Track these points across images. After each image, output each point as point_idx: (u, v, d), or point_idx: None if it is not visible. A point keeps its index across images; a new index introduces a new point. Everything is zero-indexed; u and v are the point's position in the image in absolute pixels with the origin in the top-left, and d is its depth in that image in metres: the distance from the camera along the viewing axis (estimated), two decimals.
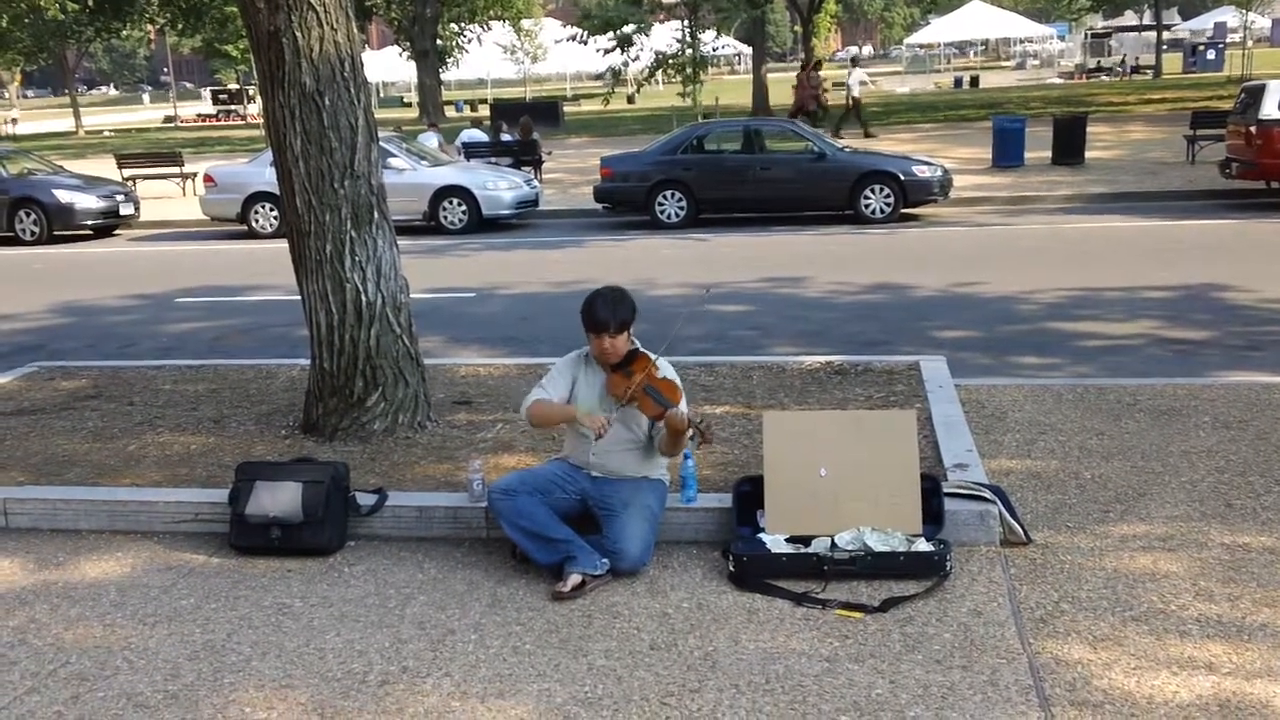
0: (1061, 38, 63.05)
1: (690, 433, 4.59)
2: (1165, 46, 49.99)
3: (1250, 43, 45.77)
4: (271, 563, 4.87)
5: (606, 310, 4.67)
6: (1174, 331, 8.72)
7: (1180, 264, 11.47)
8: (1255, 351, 8.02)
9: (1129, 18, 64.29)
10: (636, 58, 31.88)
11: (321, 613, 4.39)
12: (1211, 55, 47.15)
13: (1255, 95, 15.38)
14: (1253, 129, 15.07)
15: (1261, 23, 63.31)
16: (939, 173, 16.01)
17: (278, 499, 4.88)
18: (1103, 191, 17.25)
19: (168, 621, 4.36)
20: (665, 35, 32.85)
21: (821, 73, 29.20)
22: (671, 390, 4.68)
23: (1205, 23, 62.71)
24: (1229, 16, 57.77)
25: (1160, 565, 4.44)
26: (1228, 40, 51.89)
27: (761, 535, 4.64)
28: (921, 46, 67.03)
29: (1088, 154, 20.79)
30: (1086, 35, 58.49)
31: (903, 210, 15.88)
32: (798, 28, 59.79)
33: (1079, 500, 5.12)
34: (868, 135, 26.71)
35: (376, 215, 6.09)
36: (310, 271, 6.09)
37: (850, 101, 28.04)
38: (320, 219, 5.97)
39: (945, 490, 4.77)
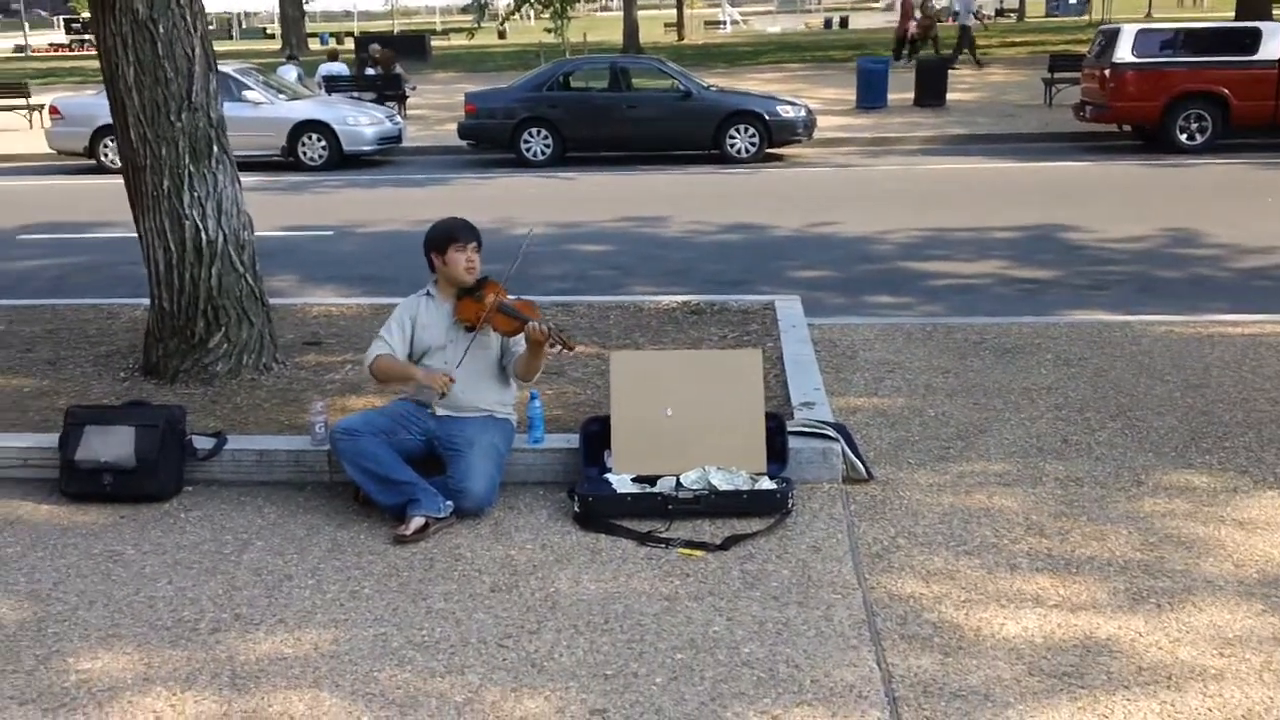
0: None
1: (551, 342, 4.54)
2: None
3: None
4: (103, 510, 4.70)
5: (465, 224, 4.72)
6: (1021, 271, 8.93)
7: (1029, 205, 11.75)
8: (1099, 291, 8.25)
9: None
10: None
11: (154, 560, 4.26)
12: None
13: (1110, 39, 15.70)
14: (1106, 72, 15.42)
15: None
16: (803, 113, 16.17)
17: (109, 444, 4.70)
18: (961, 133, 17.60)
19: None
20: None
21: (936, 3, 29.51)
22: (527, 308, 4.64)
23: None
24: None
25: (995, 501, 4.55)
26: None
27: (608, 476, 4.64)
28: None
29: (949, 96, 21.21)
30: None
31: (767, 150, 16.01)
32: None
33: (921, 437, 5.23)
34: (979, 65, 27.60)
35: (216, 149, 5.86)
36: (147, 208, 5.84)
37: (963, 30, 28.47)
38: (156, 153, 5.72)
39: (790, 429, 4.82)
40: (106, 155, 16.51)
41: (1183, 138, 15.32)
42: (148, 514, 4.67)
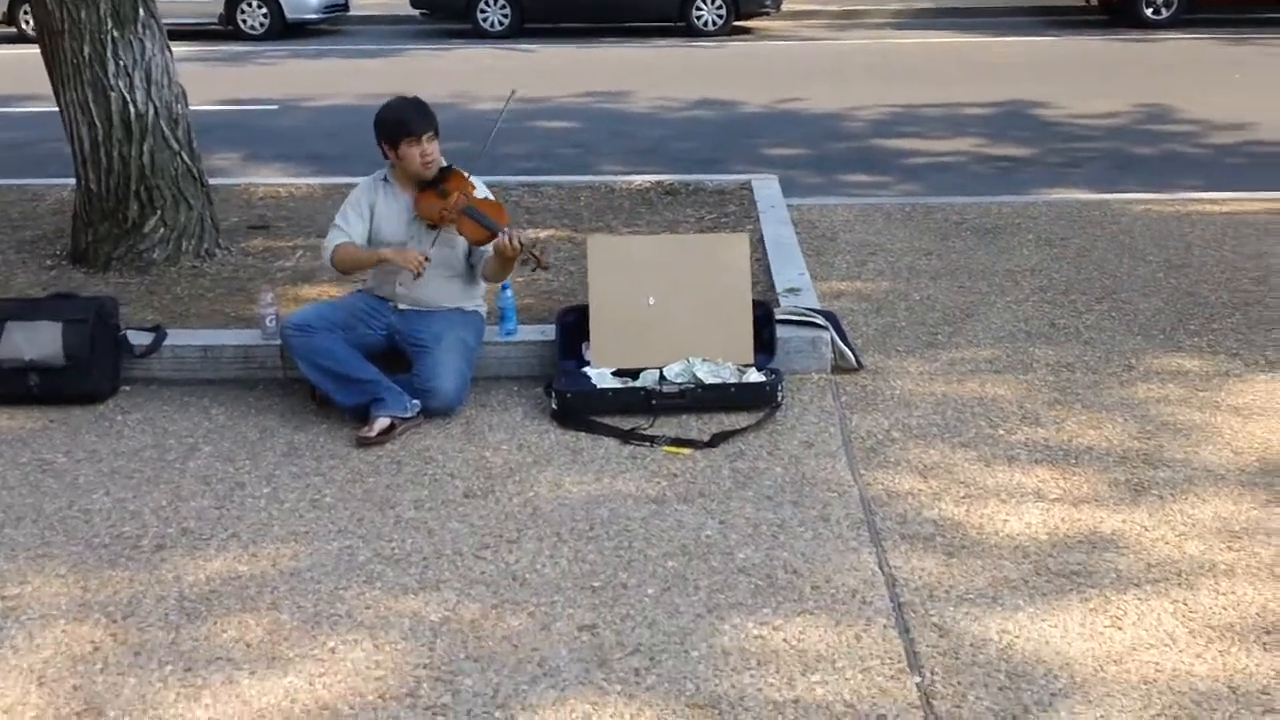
0: None
1: (523, 258, 4.22)
2: None
3: None
4: (30, 413, 4.35)
5: (420, 109, 4.24)
6: (996, 149, 8.78)
7: (1000, 80, 11.63)
8: (1074, 168, 8.13)
9: None
10: None
11: (88, 469, 3.94)
12: None
13: None
14: None
15: None
16: None
17: (34, 340, 4.32)
18: (929, 6, 17.66)
19: None
20: None
21: None
22: (497, 211, 4.27)
23: None
24: None
25: (988, 389, 4.37)
26: None
27: (587, 370, 4.36)
28: None
29: None
30: None
31: (734, 22, 15.79)
32: None
33: (908, 323, 5.03)
34: None
35: (143, 13, 5.41)
36: (67, 78, 5.40)
37: None
38: (74, 15, 5.25)
39: (778, 317, 4.56)
40: (27, 22, 15.73)
41: (1148, 12, 15.28)
42: (80, 417, 4.34)
